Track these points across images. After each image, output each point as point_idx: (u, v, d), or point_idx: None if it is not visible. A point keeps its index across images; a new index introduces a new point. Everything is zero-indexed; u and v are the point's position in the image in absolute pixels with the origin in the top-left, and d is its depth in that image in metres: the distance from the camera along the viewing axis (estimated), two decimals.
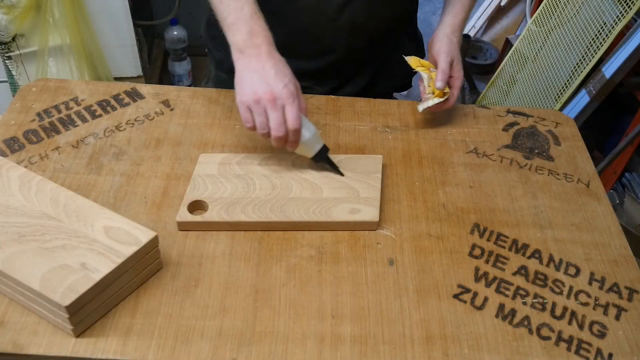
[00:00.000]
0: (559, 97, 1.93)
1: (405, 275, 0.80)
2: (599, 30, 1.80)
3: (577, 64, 1.87)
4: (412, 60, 1.07)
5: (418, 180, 0.95)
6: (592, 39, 1.82)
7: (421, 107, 1.03)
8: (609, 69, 1.78)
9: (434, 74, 1.03)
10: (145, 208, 0.86)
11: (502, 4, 2.70)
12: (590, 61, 1.81)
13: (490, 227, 0.88)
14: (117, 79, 2.03)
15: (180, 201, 0.87)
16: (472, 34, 2.76)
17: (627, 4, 1.70)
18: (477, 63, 2.70)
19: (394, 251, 0.83)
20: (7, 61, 1.88)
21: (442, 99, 1.01)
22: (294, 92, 0.83)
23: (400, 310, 0.76)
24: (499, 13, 2.77)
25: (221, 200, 0.86)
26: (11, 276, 0.68)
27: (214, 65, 1.23)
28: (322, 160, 0.90)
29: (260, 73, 0.83)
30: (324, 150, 0.90)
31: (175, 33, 2.37)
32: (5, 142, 0.95)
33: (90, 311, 0.70)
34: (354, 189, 0.89)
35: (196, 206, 0.86)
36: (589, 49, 1.83)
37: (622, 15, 1.71)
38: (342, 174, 0.91)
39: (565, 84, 1.91)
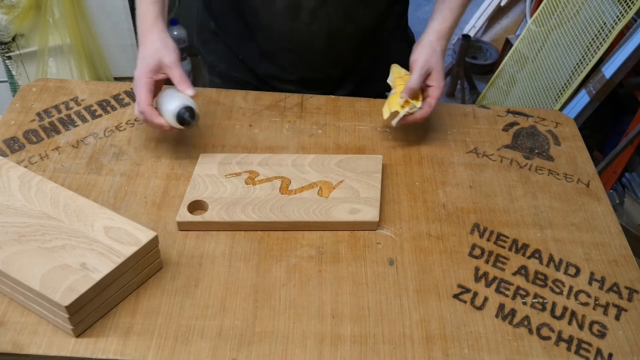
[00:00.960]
0: (559, 97, 1.93)
1: (405, 275, 0.80)
2: (599, 30, 1.80)
3: (577, 64, 1.87)
4: (394, 77, 1.02)
5: (418, 180, 0.95)
6: (592, 39, 1.82)
7: (394, 122, 0.97)
8: (609, 69, 1.78)
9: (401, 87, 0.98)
10: (145, 208, 0.86)
11: (502, 4, 2.70)
12: (590, 61, 1.81)
13: (490, 227, 0.88)
14: (117, 79, 2.04)
15: (180, 201, 0.87)
16: (472, 34, 2.77)
17: (627, 4, 1.70)
18: (477, 63, 2.70)
19: (394, 251, 0.83)
20: (7, 61, 1.88)
21: (408, 109, 0.95)
22: (140, 75, 0.88)
23: (400, 310, 0.76)
24: (499, 13, 2.77)
25: (221, 200, 0.86)
26: (11, 276, 0.68)
27: (207, 71, 1.22)
28: (187, 125, 0.88)
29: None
30: (184, 111, 0.87)
31: (175, 33, 2.37)
32: (5, 142, 0.95)
33: (90, 311, 0.70)
34: (354, 189, 0.89)
35: (196, 206, 0.86)
36: (589, 49, 1.83)
37: (622, 15, 1.72)
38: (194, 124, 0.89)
39: (565, 84, 1.91)
